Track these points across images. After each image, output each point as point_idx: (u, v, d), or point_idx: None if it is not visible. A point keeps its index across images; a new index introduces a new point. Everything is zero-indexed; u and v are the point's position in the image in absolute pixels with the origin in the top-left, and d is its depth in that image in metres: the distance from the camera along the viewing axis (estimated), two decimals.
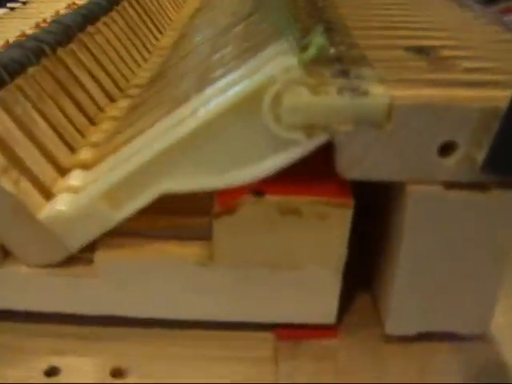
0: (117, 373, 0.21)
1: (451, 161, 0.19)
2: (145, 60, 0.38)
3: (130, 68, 0.36)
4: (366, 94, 0.18)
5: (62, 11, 0.51)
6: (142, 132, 0.22)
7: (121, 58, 0.35)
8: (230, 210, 0.20)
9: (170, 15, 0.50)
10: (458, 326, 0.22)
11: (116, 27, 0.37)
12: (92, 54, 0.32)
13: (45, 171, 0.23)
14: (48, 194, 0.22)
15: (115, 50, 0.35)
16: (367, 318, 0.23)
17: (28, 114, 0.24)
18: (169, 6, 0.51)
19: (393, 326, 0.22)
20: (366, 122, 0.18)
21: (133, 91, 0.32)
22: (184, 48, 0.35)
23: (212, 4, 0.46)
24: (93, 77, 0.31)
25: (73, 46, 0.30)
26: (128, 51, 0.37)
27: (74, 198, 0.21)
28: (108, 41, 0.35)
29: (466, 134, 0.18)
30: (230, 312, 0.22)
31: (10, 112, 0.23)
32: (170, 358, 0.21)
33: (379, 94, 0.18)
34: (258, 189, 0.20)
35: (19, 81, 0.25)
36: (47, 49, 0.28)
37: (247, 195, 0.20)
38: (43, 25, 0.46)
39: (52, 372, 0.21)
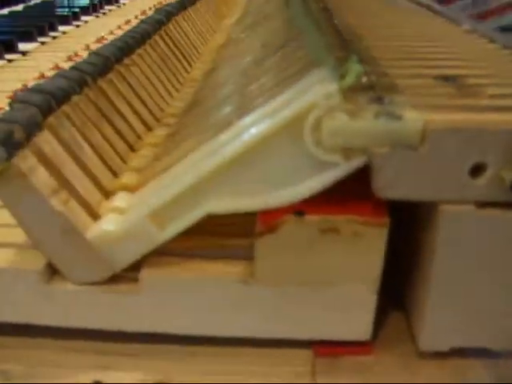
0: None
1: (481, 181, 0.20)
2: (177, 91, 0.40)
3: (163, 98, 0.37)
4: (400, 118, 0.19)
5: (92, 46, 0.53)
6: (185, 156, 0.23)
7: (155, 88, 0.37)
8: (271, 229, 0.21)
9: (198, 49, 0.51)
10: (490, 342, 0.23)
11: (149, 59, 0.38)
12: (129, 85, 0.33)
13: (91, 193, 0.24)
14: (94, 215, 0.23)
15: (149, 80, 0.36)
16: (401, 335, 0.24)
17: (74, 139, 0.25)
18: (196, 40, 0.53)
19: (426, 342, 0.23)
20: (401, 145, 0.19)
21: (168, 120, 0.34)
22: (217, 79, 0.37)
23: (239, 37, 0.48)
24: (131, 106, 0.32)
25: (111, 76, 0.32)
26: (161, 82, 0.38)
27: (121, 218, 0.22)
28: (143, 72, 0.36)
29: (495, 155, 0.19)
30: (270, 329, 0.23)
31: (57, 136, 0.24)
32: (209, 373, 0.22)
33: (413, 118, 0.19)
34: (299, 208, 0.21)
35: (65, 108, 0.26)
36: (89, 79, 0.29)
37: (288, 215, 0.21)
38: (75, 58, 0.48)
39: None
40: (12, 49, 0.61)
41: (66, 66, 0.46)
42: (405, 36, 0.33)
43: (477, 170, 0.20)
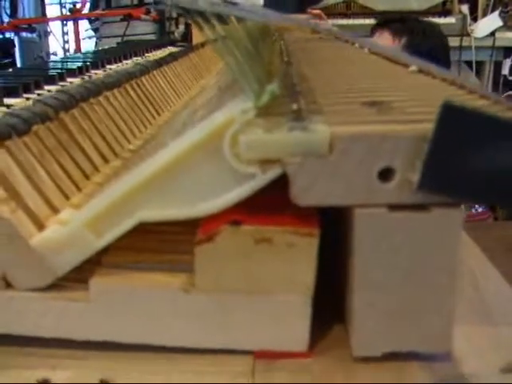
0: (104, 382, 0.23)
1: (391, 185, 0.22)
2: (141, 132, 0.42)
3: (125, 137, 0.39)
4: (310, 130, 0.21)
5: None
6: (122, 175, 0.25)
7: (117, 127, 0.39)
8: (209, 239, 0.22)
9: (169, 100, 0.54)
10: (420, 345, 0.24)
11: (116, 102, 0.41)
12: (91, 121, 0.36)
13: (39, 207, 0.26)
14: (41, 226, 0.25)
15: (113, 120, 0.39)
16: (342, 341, 0.25)
17: (29, 162, 0.27)
18: (169, 93, 0.56)
19: (358, 348, 0.24)
20: (312, 154, 0.21)
21: (126, 154, 0.36)
22: (175, 118, 0.39)
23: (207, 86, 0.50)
24: (90, 140, 0.34)
25: (75, 111, 0.34)
26: (125, 123, 0.41)
27: (63, 228, 0.24)
28: (107, 112, 0.39)
29: (401, 160, 0.21)
30: (210, 339, 0.24)
31: (13, 156, 0.26)
32: (151, 373, 0.23)
33: (321, 129, 0.21)
34: (235, 218, 0.22)
35: (25, 136, 0.28)
36: (51, 112, 0.32)
37: (224, 225, 0.22)
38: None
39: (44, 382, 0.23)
40: None
41: None
42: (350, 75, 0.36)
43: (386, 175, 0.22)
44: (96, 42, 2.13)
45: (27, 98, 0.71)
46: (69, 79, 0.78)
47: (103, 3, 2.21)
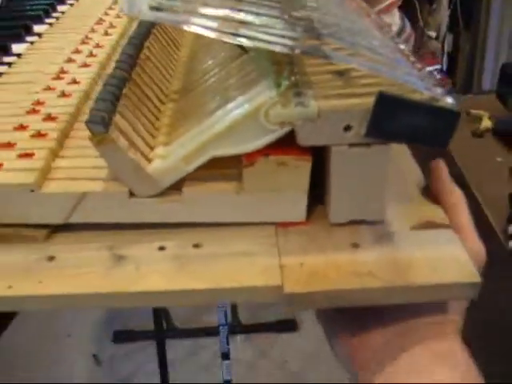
0: None
1: (350, 134, 0.40)
2: (173, 71, 0.58)
3: (166, 78, 0.56)
4: (307, 106, 0.39)
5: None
6: (196, 124, 0.42)
7: (160, 72, 0.55)
8: (251, 164, 0.41)
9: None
10: (368, 215, 0.42)
11: (153, 49, 0.57)
12: (147, 73, 0.52)
13: (144, 148, 0.43)
14: (149, 160, 0.43)
15: (157, 67, 0.55)
16: (323, 216, 0.43)
17: (130, 118, 0.44)
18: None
19: (333, 218, 0.43)
20: (308, 120, 0.39)
21: (174, 96, 0.52)
22: (198, 68, 0.56)
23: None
24: (152, 90, 0.51)
25: (137, 68, 0.50)
26: (162, 65, 0.57)
27: (165, 160, 0.42)
28: (153, 62, 0.55)
29: (356, 121, 0.39)
30: (251, 216, 0.43)
31: (124, 117, 0.43)
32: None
33: (313, 105, 0.39)
34: (266, 152, 0.40)
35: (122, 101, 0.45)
36: (127, 75, 0.48)
37: (260, 156, 0.40)
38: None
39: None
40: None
41: None
42: None
43: (347, 128, 0.39)
44: None
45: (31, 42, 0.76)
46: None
47: None
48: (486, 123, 1.75)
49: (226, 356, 1.50)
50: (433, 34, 3.70)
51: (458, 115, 0.39)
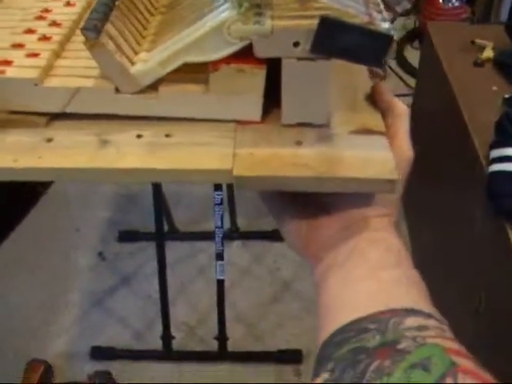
0: None
1: (298, 49, 0.47)
2: None
3: None
4: (263, 24, 0.47)
5: None
6: (176, 34, 0.51)
7: None
8: (216, 69, 0.49)
9: None
10: (313, 119, 0.51)
11: None
12: None
13: (130, 52, 0.52)
14: (132, 63, 0.51)
15: None
16: (277, 118, 0.52)
17: (121, 28, 0.52)
18: None
19: (284, 119, 0.51)
20: (263, 35, 0.47)
21: (162, 9, 0.60)
22: None
23: None
24: (142, 3, 0.59)
25: None
26: None
27: (145, 64, 0.50)
28: None
29: (303, 38, 0.47)
30: (217, 114, 0.51)
31: (114, 26, 0.51)
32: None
33: (268, 23, 0.47)
34: (227, 61, 0.49)
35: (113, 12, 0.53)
36: None
37: (223, 64, 0.49)
38: None
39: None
40: None
41: None
42: None
43: (296, 44, 0.47)
44: None
45: None
46: None
47: None
48: (488, 53, 1.80)
49: (220, 257, 1.62)
50: None
51: (389, 38, 0.47)
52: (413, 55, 2.88)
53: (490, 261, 1.37)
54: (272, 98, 0.51)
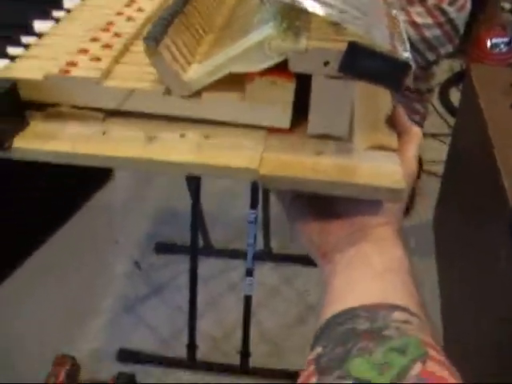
0: None
1: (328, 68, 0.54)
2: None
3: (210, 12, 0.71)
4: (300, 44, 0.53)
5: None
6: (223, 49, 0.57)
7: (207, 8, 0.70)
8: (251, 80, 0.55)
9: None
10: (334, 131, 0.57)
11: None
12: (196, 8, 0.67)
13: (184, 64, 0.59)
14: (185, 71, 0.58)
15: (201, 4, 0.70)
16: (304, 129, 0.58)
17: (177, 41, 0.59)
18: None
19: (309, 130, 0.57)
20: (299, 52, 0.53)
21: (216, 30, 0.67)
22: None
23: None
24: (197, 20, 0.66)
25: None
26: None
27: (196, 72, 0.57)
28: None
29: (333, 58, 0.53)
30: (244, 118, 0.58)
31: (172, 40, 0.58)
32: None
33: (303, 43, 0.53)
34: (262, 73, 0.55)
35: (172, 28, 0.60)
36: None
37: (258, 76, 0.55)
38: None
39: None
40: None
41: None
42: None
43: (326, 64, 0.54)
44: None
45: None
46: None
47: None
48: None
49: (249, 273, 1.68)
50: (507, 5, 3.68)
51: (407, 66, 0.53)
52: (457, 97, 2.92)
53: None
54: (300, 111, 0.57)
